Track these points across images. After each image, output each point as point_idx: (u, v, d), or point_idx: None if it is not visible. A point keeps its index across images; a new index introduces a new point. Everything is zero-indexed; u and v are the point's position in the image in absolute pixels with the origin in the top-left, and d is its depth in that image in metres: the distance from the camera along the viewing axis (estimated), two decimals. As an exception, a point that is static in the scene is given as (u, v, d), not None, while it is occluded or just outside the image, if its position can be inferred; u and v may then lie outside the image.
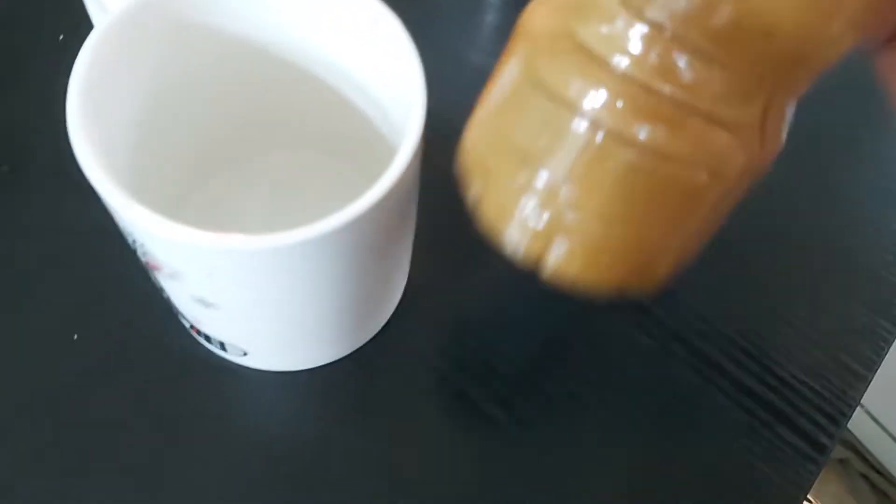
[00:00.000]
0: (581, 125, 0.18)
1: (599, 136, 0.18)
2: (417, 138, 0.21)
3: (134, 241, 0.22)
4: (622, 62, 0.18)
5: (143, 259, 0.23)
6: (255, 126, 0.29)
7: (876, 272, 0.32)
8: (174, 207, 0.28)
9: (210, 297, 0.23)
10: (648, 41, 0.17)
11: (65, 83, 0.33)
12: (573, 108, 0.18)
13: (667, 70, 0.18)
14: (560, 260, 0.20)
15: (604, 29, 0.18)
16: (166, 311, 0.28)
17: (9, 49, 0.34)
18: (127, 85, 0.23)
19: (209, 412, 0.28)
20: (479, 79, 0.22)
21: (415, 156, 0.21)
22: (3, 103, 0.33)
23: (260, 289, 0.22)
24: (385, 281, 0.26)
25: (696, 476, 0.28)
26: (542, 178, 0.19)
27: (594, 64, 0.18)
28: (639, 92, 0.18)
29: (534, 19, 0.20)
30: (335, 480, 0.27)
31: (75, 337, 0.29)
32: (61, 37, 0.34)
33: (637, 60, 0.18)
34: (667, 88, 0.18)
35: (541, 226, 0.19)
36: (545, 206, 0.19)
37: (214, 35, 0.24)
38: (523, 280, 0.30)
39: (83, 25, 0.34)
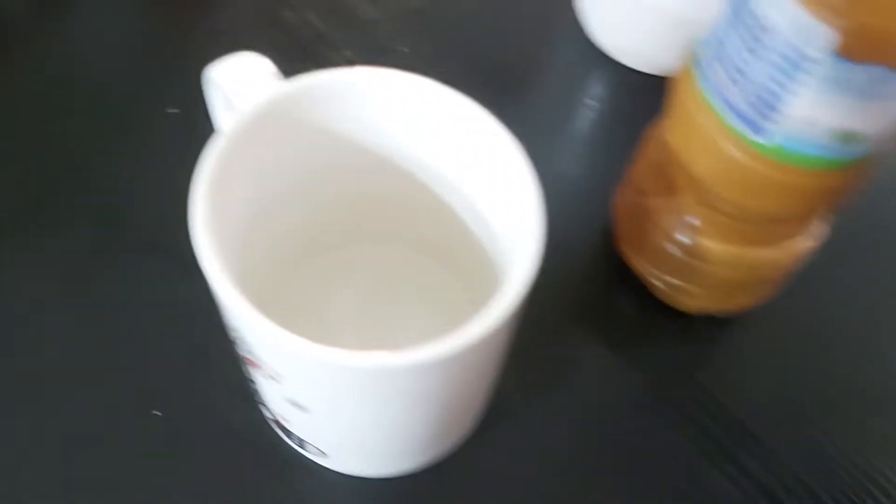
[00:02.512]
0: None
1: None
2: (534, 268, 0.20)
3: (238, 339, 0.22)
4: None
5: (241, 353, 0.23)
6: (353, 219, 0.29)
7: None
8: (266, 293, 0.28)
9: (304, 402, 0.22)
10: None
11: (169, 155, 0.34)
12: None
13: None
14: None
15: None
16: (250, 399, 0.28)
17: (119, 117, 0.35)
18: (244, 180, 0.23)
19: (278, 507, 0.27)
20: (567, 187, 0.22)
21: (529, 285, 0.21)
22: (107, 170, 0.33)
23: (357, 400, 0.21)
24: (475, 399, 0.26)
25: None
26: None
27: None
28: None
29: None
30: None
31: (154, 413, 0.28)
32: (171, 109, 0.35)
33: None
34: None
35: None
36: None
37: (330, 135, 0.25)
38: (604, 410, 0.30)
39: (192, 98, 0.35)
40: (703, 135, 0.25)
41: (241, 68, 0.23)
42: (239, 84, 0.23)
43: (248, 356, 0.22)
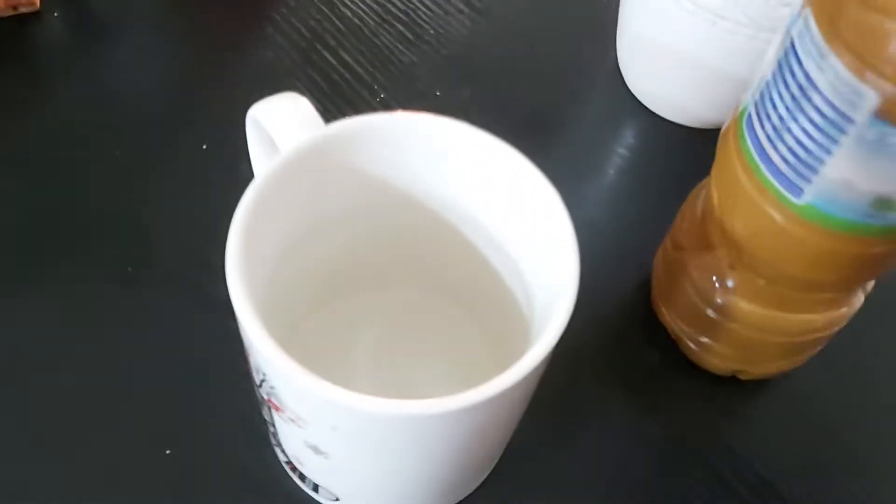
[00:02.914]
0: None
1: None
2: (566, 321, 0.20)
3: (262, 382, 0.21)
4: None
5: (264, 395, 0.22)
6: (379, 261, 0.29)
7: None
8: (286, 333, 0.28)
9: (324, 447, 0.22)
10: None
11: (199, 191, 0.34)
12: None
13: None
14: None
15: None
16: (264, 440, 0.28)
17: (151, 153, 0.35)
18: (278, 220, 0.23)
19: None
20: (596, 236, 0.21)
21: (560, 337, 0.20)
22: (136, 205, 0.33)
23: (379, 448, 0.21)
24: (495, 448, 0.25)
25: None
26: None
27: None
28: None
29: None
30: None
31: (167, 452, 0.28)
32: (204, 146, 0.35)
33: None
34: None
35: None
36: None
37: (364, 177, 0.25)
38: (624, 461, 0.29)
39: (224, 135, 0.35)
40: (744, 193, 0.25)
41: (283, 109, 0.23)
42: (281, 125, 0.23)
43: (271, 399, 0.22)
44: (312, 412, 0.20)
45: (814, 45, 0.21)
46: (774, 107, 0.23)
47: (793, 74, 0.22)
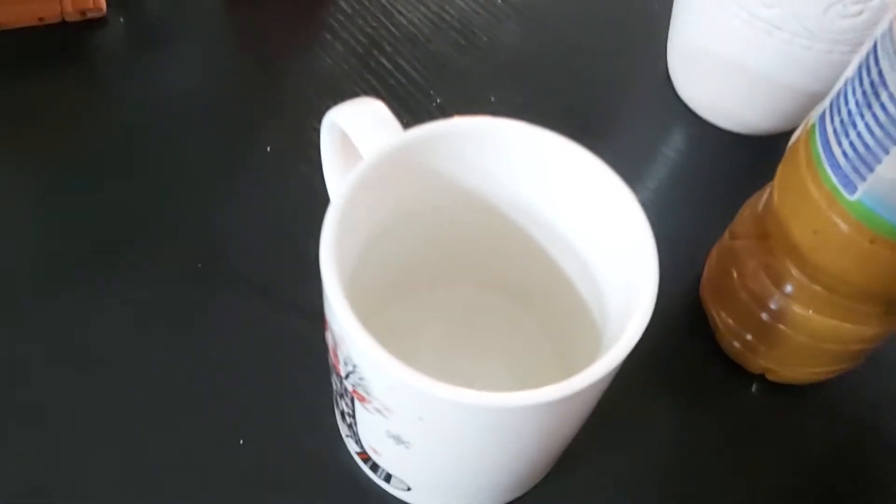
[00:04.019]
0: None
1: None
2: (646, 320, 0.21)
3: (350, 373, 0.22)
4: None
5: (349, 387, 0.23)
6: (448, 260, 0.30)
7: None
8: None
9: (407, 437, 0.23)
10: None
11: (264, 192, 0.35)
12: None
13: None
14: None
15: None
16: (333, 432, 0.29)
17: (217, 154, 0.36)
18: (360, 222, 0.24)
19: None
20: None
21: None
22: (202, 206, 0.35)
23: (462, 438, 0.22)
24: (565, 443, 0.26)
25: None
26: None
27: None
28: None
29: None
30: None
31: (241, 441, 0.29)
32: (268, 148, 0.36)
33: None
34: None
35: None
36: None
37: (440, 179, 0.26)
38: (670, 459, 0.30)
39: (287, 138, 0.36)
40: (806, 193, 0.25)
41: (363, 113, 0.24)
42: (362, 129, 0.24)
43: (356, 390, 0.23)
44: (401, 402, 0.21)
45: (891, 45, 0.22)
46: (846, 101, 0.24)
47: (868, 71, 0.23)
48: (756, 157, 0.39)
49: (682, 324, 0.33)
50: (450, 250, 0.29)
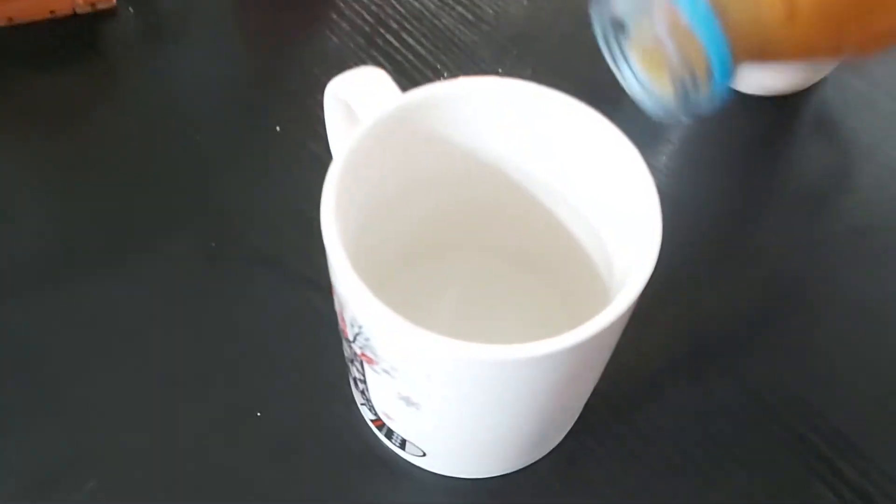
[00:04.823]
0: None
1: None
2: (651, 270, 0.21)
3: (357, 335, 0.22)
4: None
5: (357, 350, 0.23)
6: (456, 228, 0.30)
7: None
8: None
9: (416, 398, 0.23)
10: None
11: (275, 171, 0.35)
12: None
13: None
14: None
15: None
16: (349, 402, 0.29)
17: (228, 137, 0.37)
18: (360, 188, 0.24)
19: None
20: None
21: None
22: (215, 187, 0.35)
23: (472, 396, 0.22)
24: (579, 399, 0.26)
25: None
26: None
27: None
28: None
29: None
30: None
31: (258, 414, 0.30)
32: (278, 128, 0.36)
33: None
34: None
35: None
36: None
37: (442, 143, 0.26)
38: (698, 419, 0.30)
39: (296, 118, 0.37)
40: None
41: (362, 80, 0.24)
42: (362, 95, 0.24)
43: (364, 353, 0.23)
44: (407, 360, 0.21)
45: None
46: None
47: None
48: (770, 119, 0.38)
49: (698, 288, 0.33)
50: (455, 217, 0.29)
